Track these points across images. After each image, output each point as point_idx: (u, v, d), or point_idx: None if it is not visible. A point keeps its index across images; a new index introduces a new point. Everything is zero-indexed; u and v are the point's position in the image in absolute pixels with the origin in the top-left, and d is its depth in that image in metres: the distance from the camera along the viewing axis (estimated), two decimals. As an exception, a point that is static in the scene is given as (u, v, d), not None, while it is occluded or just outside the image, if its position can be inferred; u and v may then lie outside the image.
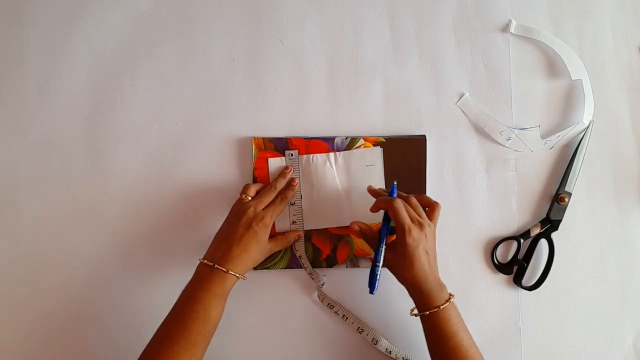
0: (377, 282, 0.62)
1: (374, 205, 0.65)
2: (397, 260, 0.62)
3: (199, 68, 0.72)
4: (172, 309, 0.60)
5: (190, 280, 0.62)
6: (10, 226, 0.70)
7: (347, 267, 0.70)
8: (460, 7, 0.73)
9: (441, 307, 0.60)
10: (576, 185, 0.71)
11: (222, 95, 0.72)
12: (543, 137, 0.72)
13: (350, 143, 0.71)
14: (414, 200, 0.64)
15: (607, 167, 0.73)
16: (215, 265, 0.60)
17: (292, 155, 0.70)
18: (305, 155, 0.70)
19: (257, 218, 0.63)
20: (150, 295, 0.70)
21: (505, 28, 0.73)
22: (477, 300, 0.71)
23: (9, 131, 0.71)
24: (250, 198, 0.66)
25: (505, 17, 0.73)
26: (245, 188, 0.67)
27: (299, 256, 0.69)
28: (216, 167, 0.71)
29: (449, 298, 0.61)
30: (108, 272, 0.70)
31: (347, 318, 0.67)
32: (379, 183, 0.70)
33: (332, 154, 0.71)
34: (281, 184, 0.69)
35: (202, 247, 0.69)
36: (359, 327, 0.67)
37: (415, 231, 0.60)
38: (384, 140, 0.71)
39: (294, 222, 0.70)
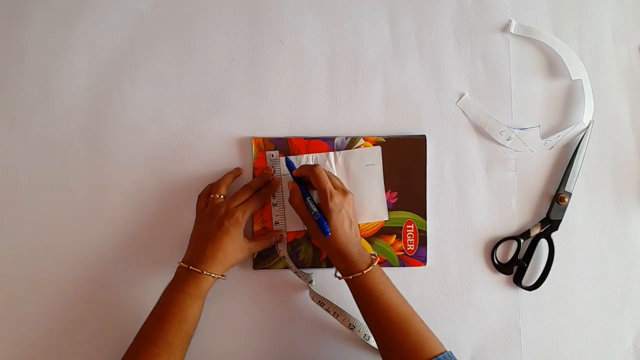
0: (326, 224, 0.62)
1: (296, 170, 0.66)
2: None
3: (199, 68, 0.72)
4: (152, 311, 0.61)
5: (169, 283, 0.62)
6: (10, 226, 0.70)
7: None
8: (460, 7, 0.73)
9: (364, 271, 0.60)
10: (576, 185, 0.71)
11: (222, 95, 0.72)
12: (543, 137, 0.72)
13: (350, 143, 0.71)
14: (332, 175, 0.67)
15: (607, 167, 0.73)
16: (190, 267, 0.61)
17: (272, 156, 0.70)
18: (305, 155, 0.70)
19: (229, 215, 0.63)
20: (151, 295, 0.70)
21: (505, 28, 0.73)
22: (477, 300, 0.71)
23: (9, 131, 0.71)
24: (222, 196, 0.66)
25: (505, 17, 0.73)
26: (217, 187, 0.67)
27: (282, 257, 0.69)
28: (216, 167, 0.71)
29: (372, 262, 0.62)
30: (108, 271, 0.70)
31: (338, 315, 0.67)
32: (379, 183, 0.70)
33: (331, 154, 0.71)
34: (258, 184, 0.68)
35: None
36: (350, 324, 0.67)
37: (337, 196, 0.62)
38: (384, 140, 0.71)
39: (276, 223, 0.70)
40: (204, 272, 0.60)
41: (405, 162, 0.71)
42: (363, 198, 0.70)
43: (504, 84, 0.73)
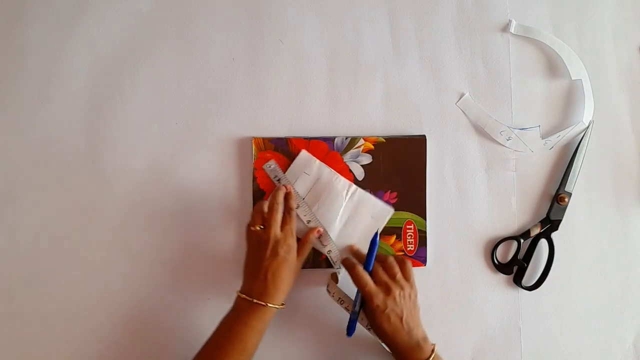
0: (353, 327, 0.64)
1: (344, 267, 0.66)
2: (371, 321, 0.63)
3: (199, 68, 0.72)
4: (210, 339, 0.61)
5: (229, 313, 0.61)
6: (10, 226, 0.70)
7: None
8: (460, 7, 0.73)
9: None
10: (576, 185, 0.71)
11: (222, 95, 0.72)
12: (543, 137, 0.72)
13: (350, 143, 0.71)
14: (390, 259, 0.65)
15: (607, 167, 0.73)
16: (254, 300, 0.60)
17: (270, 166, 0.70)
18: (328, 169, 0.70)
19: (281, 243, 0.62)
20: (149, 295, 0.70)
21: (505, 28, 0.73)
22: (477, 300, 0.71)
23: (9, 131, 0.71)
24: (261, 227, 0.64)
25: (505, 17, 0.73)
26: (254, 219, 0.65)
27: (329, 251, 0.69)
28: (216, 167, 0.71)
29: (429, 355, 0.61)
30: (107, 271, 0.70)
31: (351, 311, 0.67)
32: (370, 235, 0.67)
33: (353, 186, 0.70)
34: (282, 197, 0.67)
35: (201, 247, 0.70)
36: (368, 324, 0.67)
37: (378, 297, 0.61)
38: (384, 140, 0.71)
39: (308, 222, 0.70)
40: (268, 304, 0.60)
41: (405, 162, 0.71)
42: (352, 240, 0.70)
43: (504, 84, 0.73)
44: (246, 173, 0.71)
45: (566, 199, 0.71)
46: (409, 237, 0.71)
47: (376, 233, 0.66)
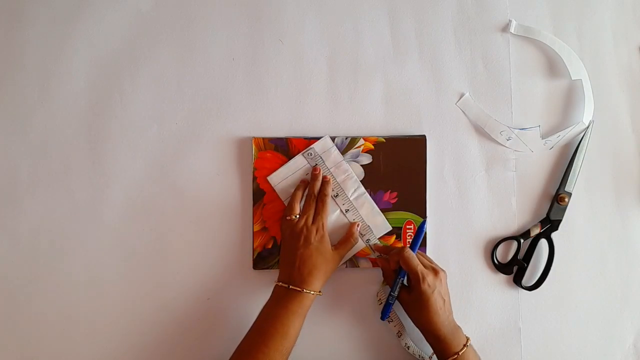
0: (389, 311, 0.66)
1: (390, 261, 0.65)
2: (413, 304, 0.63)
3: (199, 68, 0.72)
4: (252, 326, 0.62)
5: (268, 300, 0.63)
6: (10, 226, 0.70)
7: (346, 267, 0.70)
8: (460, 7, 0.73)
9: (460, 352, 0.61)
10: (576, 185, 0.71)
11: (222, 95, 0.72)
12: (543, 137, 0.72)
13: (350, 143, 0.71)
14: (421, 253, 0.68)
15: (607, 167, 0.73)
16: (290, 287, 0.62)
17: (310, 155, 0.70)
18: (346, 164, 0.70)
19: (312, 233, 0.65)
20: (150, 295, 0.70)
21: (505, 28, 0.73)
22: (477, 300, 0.71)
23: (9, 131, 0.71)
24: (297, 216, 0.67)
25: (505, 17, 0.73)
26: (289, 209, 0.68)
27: (367, 240, 0.70)
28: (216, 167, 0.71)
29: (466, 342, 0.63)
30: (107, 271, 0.70)
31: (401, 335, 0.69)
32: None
33: (362, 188, 0.70)
34: (317, 187, 0.69)
35: (202, 246, 0.70)
36: (399, 331, 0.68)
37: (429, 277, 0.62)
38: (384, 140, 0.71)
39: (347, 211, 0.70)
40: (304, 290, 0.62)
41: (405, 162, 0.71)
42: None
43: (504, 84, 0.73)
44: (246, 173, 0.71)
45: (566, 199, 0.71)
46: (409, 237, 0.71)
47: (424, 221, 0.68)
